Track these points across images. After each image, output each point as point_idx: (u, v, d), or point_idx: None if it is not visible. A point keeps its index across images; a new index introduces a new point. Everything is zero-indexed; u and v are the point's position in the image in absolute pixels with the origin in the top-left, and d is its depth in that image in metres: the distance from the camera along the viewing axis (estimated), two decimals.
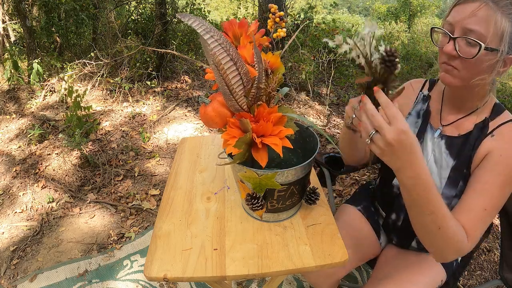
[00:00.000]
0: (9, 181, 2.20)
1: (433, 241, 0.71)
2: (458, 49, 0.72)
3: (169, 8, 4.01)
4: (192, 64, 4.12)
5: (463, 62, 0.73)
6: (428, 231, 0.70)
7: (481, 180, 0.75)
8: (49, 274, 1.58)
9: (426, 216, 0.68)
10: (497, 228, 1.87)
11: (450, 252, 0.72)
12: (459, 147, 0.82)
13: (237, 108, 0.65)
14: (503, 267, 0.93)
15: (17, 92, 3.29)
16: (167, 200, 0.87)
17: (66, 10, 3.87)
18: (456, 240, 0.70)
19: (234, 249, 0.71)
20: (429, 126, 0.90)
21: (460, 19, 0.71)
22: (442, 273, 0.92)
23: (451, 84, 0.77)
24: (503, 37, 0.68)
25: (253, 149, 0.66)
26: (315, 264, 0.68)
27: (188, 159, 1.04)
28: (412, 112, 0.94)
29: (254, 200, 0.71)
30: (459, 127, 0.84)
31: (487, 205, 0.73)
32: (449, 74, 0.76)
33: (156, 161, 2.44)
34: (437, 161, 0.87)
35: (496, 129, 0.78)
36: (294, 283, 1.53)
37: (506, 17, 0.68)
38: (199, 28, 0.59)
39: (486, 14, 0.68)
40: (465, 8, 0.70)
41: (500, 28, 0.68)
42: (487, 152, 0.77)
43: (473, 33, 0.69)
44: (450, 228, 0.68)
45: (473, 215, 0.73)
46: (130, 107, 3.20)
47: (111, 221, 1.91)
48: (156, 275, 0.66)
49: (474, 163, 0.79)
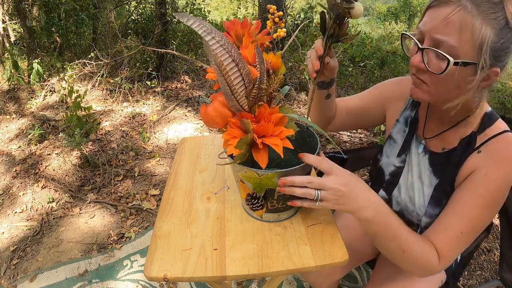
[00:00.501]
0: (9, 181, 2.20)
1: (401, 264, 0.71)
2: (426, 61, 0.63)
3: (169, 8, 4.01)
4: (192, 64, 4.12)
5: (432, 76, 0.64)
6: (395, 256, 0.70)
7: (461, 201, 0.69)
8: (49, 274, 1.58)
9: (390, 243, 0.68)
10: (497, 228, 1.87)
11: (418, 272, 0.71)
12: (442, 165, 0.76)
13: (238, 108, 0.65)
14: (503, 268, 0.93)
15: (17, 92, 3.29)
16: (167, 200, 0.87)
17: (66, 10, 3.87)
18: (424, 261, 0.68)
19: (234, 249, 0.71)
20: (415, 137, 0.83)
21: (430, 27, 0.61)
22: (442, 274, 0.92)
23: (420, 99, 0.70)
24: (482, 48, 0.57)
25: (253, 149, 0.66)
26: (315, 264, 0.68)
27: (188, 159, 1.04)
28: (400, 119, 0.87)
29: (254, 200, 0.71)
30: (444, 140, 0.77)
31: (465, 228, 0.67)
32: (418, 88, 0.69)
33: (156, 161, 2.44)
34: (421, 176, 0.81)
35: (484, 144, 0.69)
36: (294, 283, 1.53)
37: (488, 23, 0.57)
38: (199, 30, 0.59)
39: (461, 21, 0.57)
40: (438, 13, 0.60)
41: (478, 38, 0.57)
42: (472, 170, 0.69)
43: (443, 45, 0.59)
44: (414, 251, 0.68)
45: (449, 237, 0.68)
46: (130, 107, 3.20)
47: (111, 221, 1.91)
48: (156, 275, 0.66)
49: (458, 180, 0.73)
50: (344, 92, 3.86)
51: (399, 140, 0.87)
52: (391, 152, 0.89)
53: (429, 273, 0.70)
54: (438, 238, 0.69)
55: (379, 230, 0.67)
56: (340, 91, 3.88)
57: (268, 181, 0.68)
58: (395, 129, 0.88)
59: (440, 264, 0.69)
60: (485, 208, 0.67)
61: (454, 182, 0.73)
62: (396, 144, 0.87)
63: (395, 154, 0.87)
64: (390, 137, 0.89)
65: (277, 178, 0.67)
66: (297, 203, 0.68)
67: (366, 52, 4.71)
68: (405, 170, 0.85)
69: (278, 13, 0.72)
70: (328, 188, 0.63)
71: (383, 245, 0.70)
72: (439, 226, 0.70)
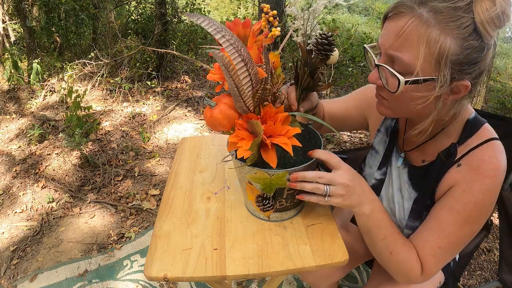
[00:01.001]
0: (9, 181, 2.20)
1: (386, 265, 0.73)
2: (384, 78, 0.59)
3: (169, 8, 4.01)
4: (192, 64, 4.12)
5: (390, 94, 0.60)
6: (382, 256, 0.71)
7: (438, 218, 0.67)
8: (49, 274, 1.58)
9: (380, 241, 0.69)
10: (497, 228, 1.87)
11: (400, 279, 0.72)
12: (421, 179, 0.73)
13: (244, 109, 0.65)
14: (502, 268, 0.93)
15: (17, 92, 3.29)
16: (167, 200, 0.87)
17: (66, 10, 3.87)
18: (407, 268, 0.68)
19: (234, 249, 0.71)
20: (395, 149, 0.81)
21: (385, 42, 0.56)
22: (439, 275, 0.91)
23: (386, 115, 0.69)
24: (441, 62, 0.52)
25: (262, 150, 0.66)
26: (315, 264, 0.68)
27: (188, 159, 1.04)
28: (381, 129, 0.84)
29: (266, 200, 0.71)
30: (424, 152, 0.73)
31: (442, 244, 0.66)
32: (380, 104, 0.66)
33: (156, 161, 2.44)
34: (401, 189, 0.79)
35: (465, 156, 0.65)
36: (294, 283, 1.53)
37: (448, 33, 0.50)
38: (209, 28, 0.58)
39: (415, 33, 0.52)
40: (393, 26, 0.55)
41: (435, 50, 0.51)
42: (452, 185, 0.66)
43: (398, 62, 0.55)
44: (400, 253, 0.68)
45: (426, 252, 0.68)
46: (130, 107, 3.20)
47: (111, 221, 1.91)
48: (156, 275, 0.66)
49: (438, 194, 0.70)
50: (344, 92, 3.86)
51: (380, 151, 0.85)
52: (373, 163, 0.87)
53: (410, 281, 0.71)
54: (418, 250, 0.70)
55: (373, 226, 0.68)
56: (340, 91, 3.88)
57: (278, 180, 0.68)
58: (376, 139, 0.86)
59: (422, 277, 0.69)
60: (463, 224, 0.64)
61: (434, 196, 0.71)
62: (378, 154, 0.86)
63: (376, 165, 0.86)
64: (373, 147, 0.88)
65: (287, 176, 0.68)
66: (305, 197, 0.68)
67: None
68: (386, 182, 0.84)
69: (273, 12, 0.72)
70: (337, 184, 0.64)
71: (373, 243, 0.71)
72: (417, 241, 0.70)
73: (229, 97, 0.68)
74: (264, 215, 0.78)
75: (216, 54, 0.58)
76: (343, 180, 0.64)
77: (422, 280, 0.70)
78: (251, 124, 0.64)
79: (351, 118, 0.95)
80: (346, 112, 0.95)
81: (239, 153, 0.63)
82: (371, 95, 0.82)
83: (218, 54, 0.58)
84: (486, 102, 3.78)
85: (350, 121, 0.96)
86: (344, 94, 3.78)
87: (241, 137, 0.65)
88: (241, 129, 0.65)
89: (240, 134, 0.65)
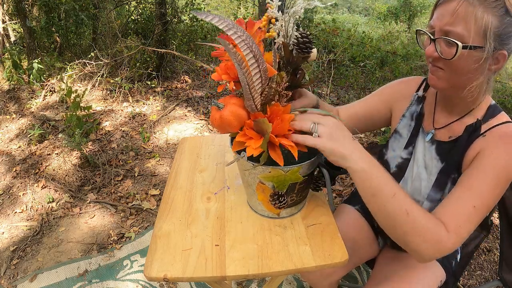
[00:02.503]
0: (9, 181, 2.20)
1: (404, 235, 0.64)
2: (439, 50, 0.70)
3: (169, 8, 4.01)
4: (192, 64, 4.12)
5: (446, 63, 0.70)
6: (397, 222, 0.64)
7: (470, 177, 0.69)
8: (49, 274, 1.58)
9: (390, 200, 0.63)
10: (497, 228, 1.87)
11: (426, 247, 0.63)
12: (448, 152, 0.79)
13: (253, 108, 0.65)
14: (503, 268, 0.93)
15: (17, 92, 3.29)
16: (167, 200, 0.87)
17: (66, 10, 3.87)
18: (432, 228, 0.63)
19: (234, 249, 0.71)
20: (421, 130, 0.87)
21: (439, 21, 0.69)
22: (441, 273, 0.92)
23: (437, 86, 0.75)
24: (486, 33, 0.64)
25: (270, 149, 0.66)
26: (315, 264, 0.68)
27: (188, 159, 1.04)
28: (406, 114, 0.91)
29: (281, 197, 0.71)
30: (451, 130, 0.81)
31: (476, 202, 0.66)
32: (434, 75, 0.74)
33: (156, 161, 2.44)
34: (427, 167, 0.84)
35: (488, 130, 0.73)
36: (294, 283, 1.53)
37: (490, 11, 0.64)
38: (221, 25, 0.58)
39: (465, 12, 0.64)
40: (445, 8, 0.68)
41: (482, 25, 0.64)
42: (478, 152, 0.72)
43: (452, 34, 0.66)
44: (418, 212, 0.63)
45: (459, 211, 0.65)
46: (130, 107, 3.20)
47: (111, 221, 1.91)
48: (156, 275, 0.66)
49: (465, 164, 0.75)
50: (344, 92, 3.86)
51: (405, 134, 0.90)
52: (397, 146, 0.91)
53: (439, 247, 0.63)
54: (448, 212, 0.66)
55: (378, 184, 0.63)
56: (340, 91, 3.88)
57: (292, 176, 0.69)
58: (401, 124, 0.91)
59: (452, 238, 0.63)
60: (493, 186, 0.67)
61: (460, 167, 0.76)
62: (402, 138, 0.91)
63: (401, 147, 0.90)
64: (396, 132, 0.92)
65: (301, 170, 0.69)
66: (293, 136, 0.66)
67: (366, 52, 4.71)
68: (411, 163, 0.88)
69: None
70: (326, 123, 0.65)
71: (383, 206, 0.64)
72: (450, 202, 0.67)
73: (236, 98, 0.68)
74: (274, 213, 0.78)
75: (229, 50, 0.57)
76: (330, 121, 0.66)
77: (451, 244, 0.63)
78: (258, 122, 0.64)
79: (377, 114, 0.98)
80: (372, 109, 0.98)
81: (248, 151, 0.64)
82: (399, 88, 0.94)
83: (231, 50, 0.58)
84: None
85: (376, 118, 0.98)
86: (344, 94, 3.78)
87: (249, 136, 0.65)
88: (249, 129, 0.65)
89: (248, 133, 0.65)
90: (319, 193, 0.87)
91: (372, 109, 0.98)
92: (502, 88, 4.30)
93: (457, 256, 0.99)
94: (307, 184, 0.76)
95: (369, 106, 0.98)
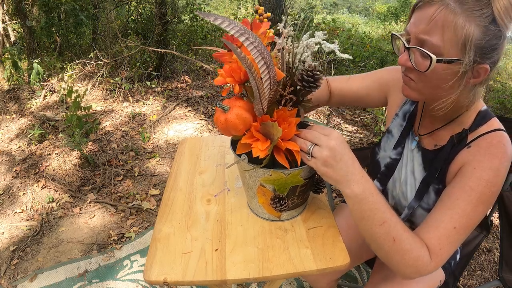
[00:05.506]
0: (9, 181, 2.20)
1: (390, 258, 0.66)
2: (413, 60, 0.64)
3: (169, 8, 4.01)
4: (192, 64, 4.12)
5: (419, 74, 0.65)
6: (383, 246, 0.65)
7: (452, 196, 0.67)
8: (49, 274, 1.58)
9: (378, 228, 0.63)
10: (497, 228, 1.87)
11: (408, 271, 0.66)
12: (431, 161, 0.77)
13: (261, 112, 0.64)
14: (503, 268, 0.93)
15: (17, 92, 3.28)
16: (167, 202, 0.86)
17: (66, 10, 3.86)
18: (414, 256, 0.63)
19: (235, 252, 0.71)
20: (411, 132, 0.84)
21: (415, 27, 0.62)
22: (441, 273, 0.92)
23: (410, 97, 0.71)
24: (466, 45, 0.58)
25: (275, 152, 0.66)
26: (316, 268, 0.67)
27: (188, 160, 1.03)
28: (399, 113, 0.88)
29: (282, 201, 0.71)
30: (437, 138, 0.77)
31: (457, 223, 0.64)
32: (407, 85, 0.70)
33: (156, 161, 2.44)
34: (414, 172, 0.82)
35: (475, 140, 0.69)
36: (294, 283, 1.53)
37: (473, 20, 0.57)
38: (231, 30, 0.56)
39: (443, 20, 0.58)
40: (423, 13, 0.61)
41: (461, 35, 0.57)
42: (462, 165, 0.69)
43: (427, 44, 0.61)
44: (405, 240, 0.63)
45: (441, 233, 0.65)
46: (130, 107, 3.20)
47: (111, 221, 1.91)
48: (156, 278, 0.66)
49: (449, 176, 0.72)
50: None
51: (396, 134, 0.88)
52: (388, 146, 0.90)
53: (420, 272, 0.65)
54: (429, 235, 0.65)
55: (368, 209, 0.63)
56: None
57: (293, 179, 0.68)
58: (393, 123, 0.89)
59: (433, 262, 0.64)
60: (477, 203, 0.64)
61: (444, 179, 0.73)
62: (393, 137, 0.89)
63: (391, 147, 0.88)
64: (388, 131, 0.91)
65: (302, 173, 0.68)
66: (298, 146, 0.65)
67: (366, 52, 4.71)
68: (400, 164, 0.86)
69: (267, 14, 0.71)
70: (323, 145, 0.61)
71: (371, 230, 0.65)
72: (430, 223, 0.67)
73: (241, 100, 0.68)
74: (275, 215, 0.78)
75: (239, 55, 0.56)
76: (329, 143, 0.61)
77: (432, 268, 0.64)
78: (266, 126, 0.64)
79: (372, 99, 0.93)
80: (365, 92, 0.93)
81: (254, 151, 0.63)
82: (398, 77, 0.86)
83: (240, 54, 0.56)
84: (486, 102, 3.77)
85: (369, 100, 0.94)
86: None
87: (256, 138, 0.65)
88: (256, 131, 0.65)
89: (256, 135, 0.65)
90: (320, 196, 0.87)
91: (366, 92, 0.93)
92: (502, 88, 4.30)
93: (456, 256, 0.99)
94: (308, 186, 0.76)
95: (364, 89, 0.93)
